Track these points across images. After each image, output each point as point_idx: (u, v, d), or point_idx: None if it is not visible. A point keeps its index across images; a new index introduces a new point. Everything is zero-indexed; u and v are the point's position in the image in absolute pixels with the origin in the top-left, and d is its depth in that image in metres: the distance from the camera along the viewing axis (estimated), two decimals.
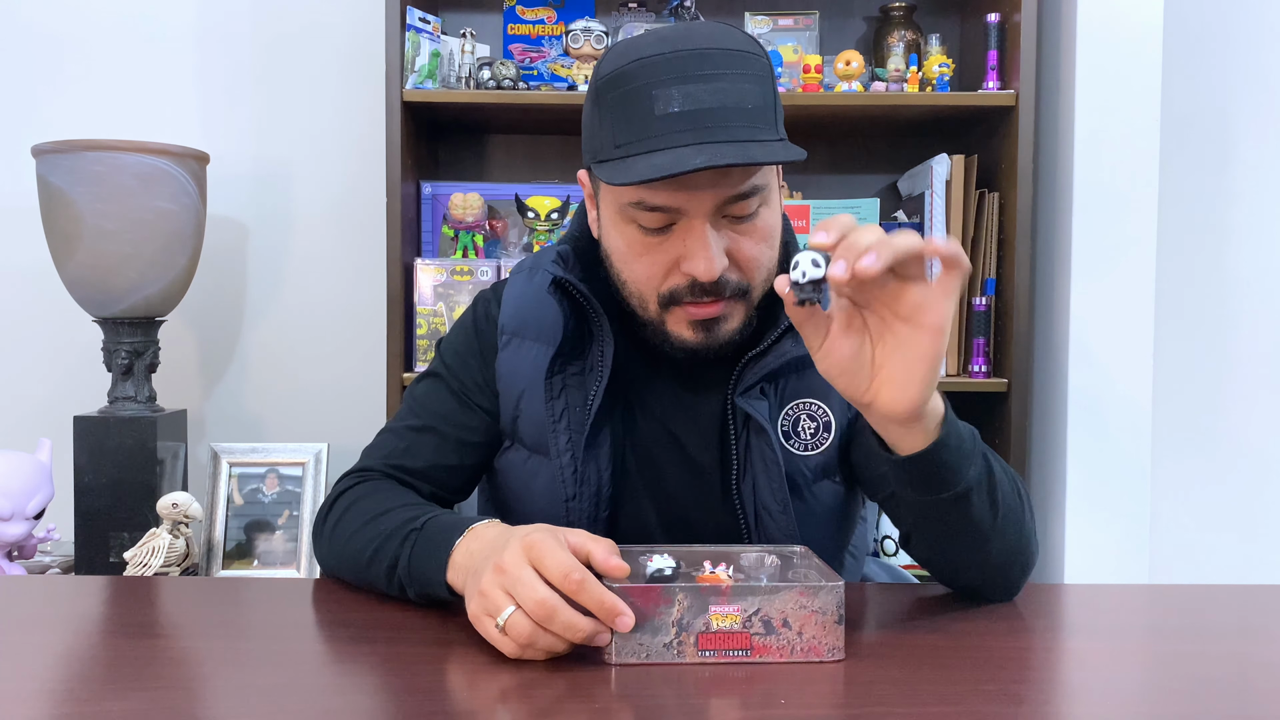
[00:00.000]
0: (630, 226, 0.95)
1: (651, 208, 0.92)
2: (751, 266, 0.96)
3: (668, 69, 0.89)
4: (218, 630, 0.88)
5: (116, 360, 1.82)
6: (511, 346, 1.07)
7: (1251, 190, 2.11)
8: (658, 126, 0.89)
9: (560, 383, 1.03)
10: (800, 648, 0.77)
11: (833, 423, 1.05)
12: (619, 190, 0.94)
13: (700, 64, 0.89)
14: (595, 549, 0.78)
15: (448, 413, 1.08)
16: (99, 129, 2.03)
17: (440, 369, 1.11)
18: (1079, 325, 1.76)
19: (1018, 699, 0.72)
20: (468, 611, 0.80)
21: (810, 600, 0.77)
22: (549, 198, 1.89)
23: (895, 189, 2.07)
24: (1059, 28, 1.82)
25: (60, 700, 0.71)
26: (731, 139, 0.89)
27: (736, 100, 0.89)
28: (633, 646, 0.76)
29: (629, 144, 0.91)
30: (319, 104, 2.10)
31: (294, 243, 2.12)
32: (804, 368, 1.05)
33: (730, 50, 0.91)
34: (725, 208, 0.92)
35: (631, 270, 0.97)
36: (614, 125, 0.92)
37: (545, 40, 2.05)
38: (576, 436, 1.02)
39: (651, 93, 0.89)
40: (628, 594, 0.75)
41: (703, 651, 0.76)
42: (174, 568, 1.69)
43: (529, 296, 1.08)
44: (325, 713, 0.70)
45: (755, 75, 0.92)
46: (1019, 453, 1.75)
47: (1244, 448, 2.14)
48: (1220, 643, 0.86)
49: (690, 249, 0.92)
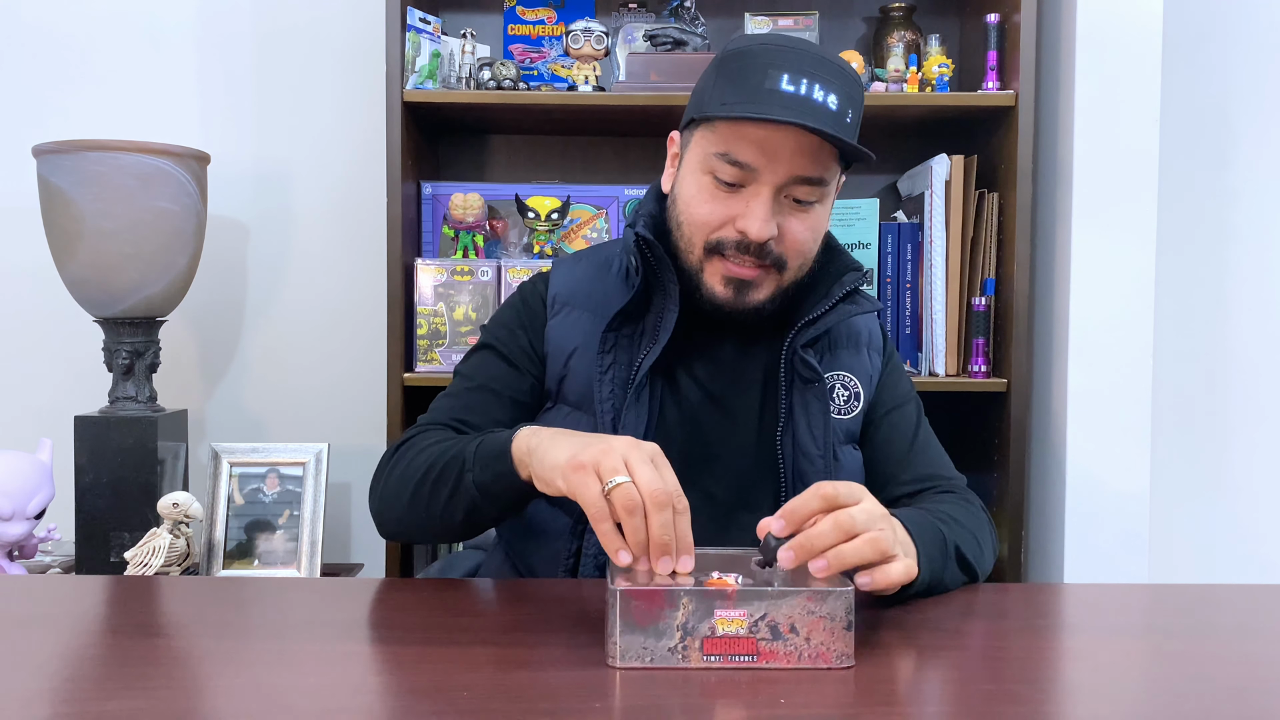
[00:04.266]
0: (707, 176, 1.07)
1: (734, 161, 1.04)
2: (795, 247, 1.07)
3: (787, 57, 1.03)
4: (218, 630, 0.88)
5: (117, 360, 1.82)
6: (563, 314, 1.17)
7: (1251, 189, 2.11)
8: (764, 97, 1.01)
9: (613, 339, 1.12)
10: (808, 654, 0.76)
11: (861, 394, 1.19)
12: (711, 140, 1.05)
13: (816, 66, 1.03)
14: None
15: (501, 375, 1.17)
16: (99, 129, 2.03)
17: (490, 340, 1.20)
18: (1079, 325, 1.76)
19: (1018, 699, 0.72)
20: (561, 458, 0.86)
21: (818, 605, 0.76)
22: (549, 198, 1.89)
23: (895, 189, 2.07)
24: (1059, 28, 1.82)
25: (60, 700, 0.71)
26: (822, 126, 1.00)
27: (833, 106, 1.02)
28: (637, 650, 0.75)
29: (735, 104, 1.03)
30: (319, 104, 2.10)
31: (294, 243, 2.12)
32: (838, 346, 1.19)
33: (841, 68, 1.05)
34: (792, 187, 1.05)
35: (692, 212, 1.08)
36: (726, 87, 1.04)
37: (545, 40, 2.05)
38: (619, 390, 1.11)
39: (768, 70, 1.02)
40: (632, 597, 0.75)
41: (708, 656, 0.75)
42: (174, 567, 1.69)
43: (579, 276, 1.20)
44: (325, 713, 0.70)
45: (853, 97, 1.05)
46: (1019, 453, 1.75)
47: (1244, 447, 2.14)
48: (1220, 643, 0.86)
49: (750, 209, 1.04)
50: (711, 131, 1.06)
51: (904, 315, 1.85)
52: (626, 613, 0.75)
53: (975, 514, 1.12)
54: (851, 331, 1.20)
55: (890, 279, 1.85)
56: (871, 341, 1.22)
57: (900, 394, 1.22)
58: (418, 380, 1.79)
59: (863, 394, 1.18)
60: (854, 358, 1.19)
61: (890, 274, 1.85)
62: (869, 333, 1.22)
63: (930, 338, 1.81)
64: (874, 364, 1.21)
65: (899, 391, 1.22)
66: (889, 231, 1.85)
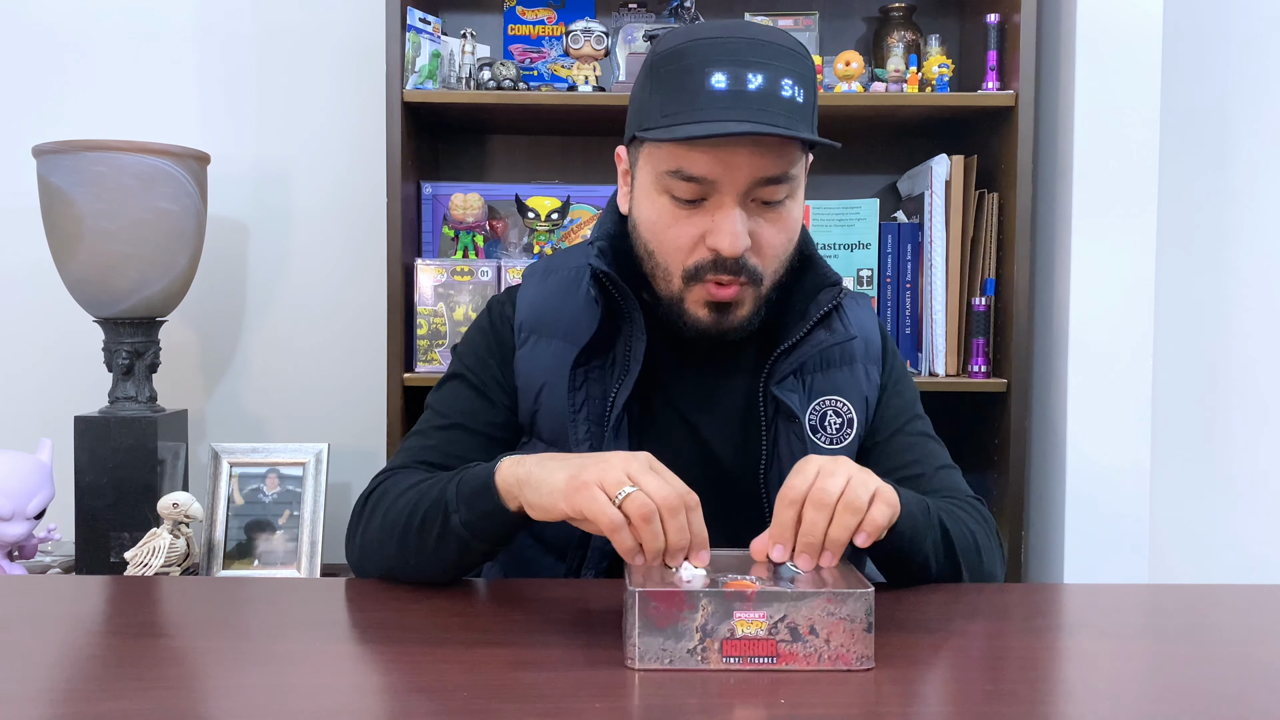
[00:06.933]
0: (664, 197, 1.00)
1: (688, 177, 0.97)
2: (769, 254, 1.01)
3: (722, 51, 0.95)
4: (218, 630, 0.88)
5: (117, 360, 1.82)
6: (530, 344, 1.11)
7: (1251, 189, 2.11)
8: (705, 100, 0.94)
9: (583, 375, 1.06)
10: (828, 655, 0.76)
11: (854, 420, 1.11)
12: (660, 158, 0.98)
13: (753, 51, 0.95)
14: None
15: (473, 409, 1.11)
16: (99, 129, 2.03)
17: (460, 370, 1.14)
18: (1079, 325, 1.76)
19: (1018, 699, 0.72)
20: (560, 481, 0.85)
21: (838, 607, 0.75)
22: (549, 198, 1.89)
23: (895, 189, 2.07)
24: (1059, 28, 1.82)
25: (60, 700, 0.71)
26: (773, 123, 0.94)
27: (781, 91, 0.95)
28: (655, 651, 0.75)
29: (676, 114, 0.95)
30: (319, 104, 2.10)
31: (294, 243, 2.12)
32: (829, 365, 1.11)
33: (781, 46, 0.97)
34: (756, 190, 0.97)
35: (660, 240, 1.01)
36: (664, 96, 0.97)
37: (545, 41, 2.05)
38: (595, 428, 1.05)
39: (704, 70, 0.95)
40: (650, 598, 0.75)
41: (727, 658, 0.75)
42: (174, 568, 1.69)
43: (546, 296, 1.12)
44: (325, 713, 0.70)
45: (800, 73, 0.97)
46: (1019, 453, 1.75)
47: (1244, 447, 2.14)
48: (1220, 643, 0.86)
49: (717, 223, 0.97)
50: (658, 149, 0.98)
51: (904, 315, 1.85)
52: (645, 614, 0.75)
53: (980, 518, 1.08)
54: (845, 345, 1.12)
55: (890, 279, 1.85)
56: (868, 352, 1.15)
57: (903, 413, 1.15)
58: (418, 380, 1.79)
59: (856, 419, 1.11)
60: (847, 376, 1.12)
61: (890, 274, 1.85)
62: (865, 342, 1.15)
63: (930, 338, 1.81)
64: (871, 378, 1.14)
65: (902, 410, 1.15)
66: (889, 231, 1.85)
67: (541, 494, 0.87)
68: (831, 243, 1.84)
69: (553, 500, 0.86)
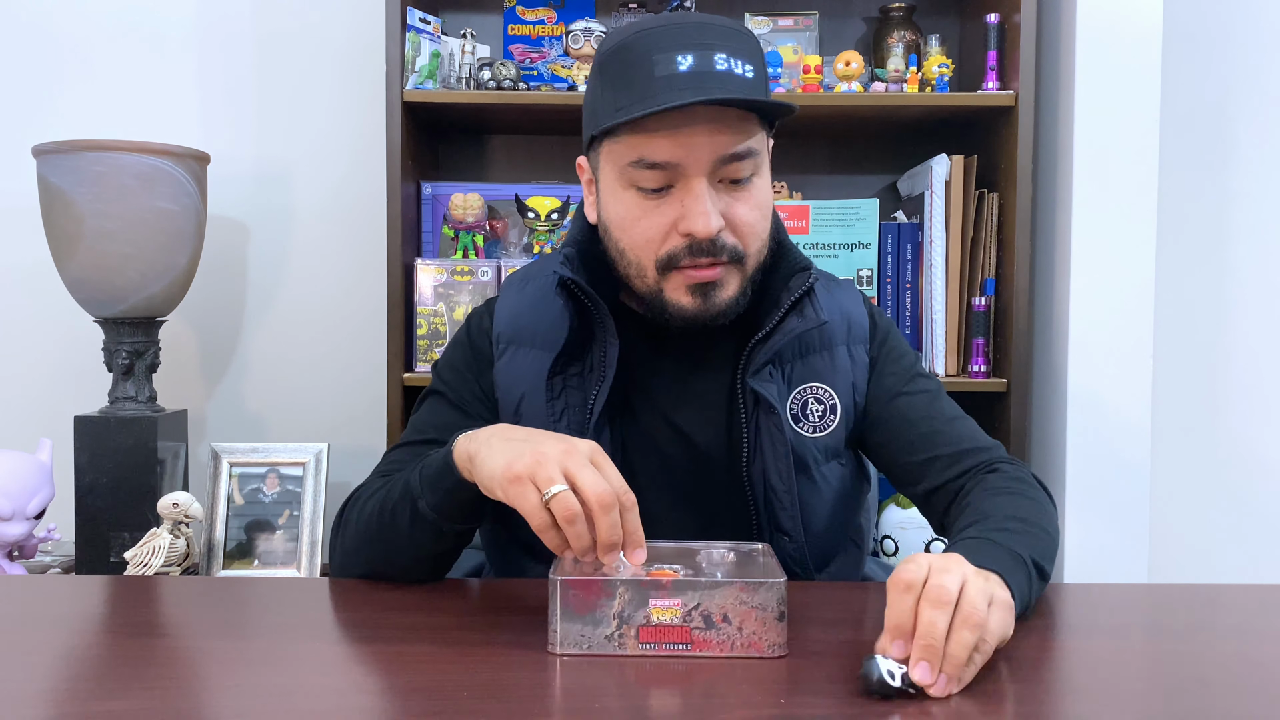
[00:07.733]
0: (629, 191, 0.99)
1: (651, 164, 0.96)
2: (747, 232, 0.99)
3: (668, 37, 0.94)
4: (218, 630, 0.88)
5: (117, 360, 1.82)
6: (508, 355, 1.10)
7: (1251, 189, 2.11)
8: (659, 85, 0.93)
9: (561, 384, 1.06)
10: (740, 643, 0.78)
11: (838, 405, 1.09)
12: (620, 152, 0.98)
13: (700, 34, 0.94)
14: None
15: (452, 424, 1.09)
16: (99, 129, 2.03)
17: (439, 386, 1.14)
18: (1079, 325, 1.76)
19: (1017, 698, 0.72)
20: (498, 467, 0.83)
21: (750, 596, 0.78)
22: (549, 198, 1.89)
23: (895, 189, 2.07)
24: (1059, 28, 1.82)
25: (60, 700, 0.71)
26: (728, 93, 0.93)
27: (732, 68, 0.94)
28: (574, 638, 0.78)
29: (629, 105, 0.94)
30: (319, 104, 2.10)
31: (294, 243, 2.12)
32: (809, 351, 1.09)
33: (726, 27, 0.97)
34: (721, 168, 0.96)
35: (630, 236, 1.00)
36: (615, 91, 0.96)
37: (545, 41, 2.05)
38: (578, 434, 1.03)
39: (653, 58, 0.94)
40: (570, 586, 0.78)
41: (644, 644, 0.78)
42: (174, 567, 1.69)
43: (524, 305, 1.12)
44: (326, 713, 0.70)
45: (749, 51, 0.97)
46: (1019, 453, 1.75)
47: (1244, 447, 2.14)
48: (1221, 643, 0.86)
49: (688, 207, 0.96)
50: (617, 143, 0.98)
51: (904, 315, 1.85)
52: (566, 601, 0.78)
53: (1033, 497, 1.00)
54: (823, 330, 1.09)
55: (890, 279, 1.85)
56: (852, 333, 1.11)
57: (902, 376, 1.11)
58: (418, 380, 1.79)
59: (840, 404, 1.09)
60: (827, 361, 1.09)
61: (890, 274, 1.85)
62: (847, 323, 1.11)
63: (930, 338, 1.81)
64: (858, 358, 1.11)
65: (900, 374, 1.11)
66: (889, 231, 1.85)
67: (485, 475, 0.86)
68: (831, 243, 1.84)
69: (492, 485, 0.85)
